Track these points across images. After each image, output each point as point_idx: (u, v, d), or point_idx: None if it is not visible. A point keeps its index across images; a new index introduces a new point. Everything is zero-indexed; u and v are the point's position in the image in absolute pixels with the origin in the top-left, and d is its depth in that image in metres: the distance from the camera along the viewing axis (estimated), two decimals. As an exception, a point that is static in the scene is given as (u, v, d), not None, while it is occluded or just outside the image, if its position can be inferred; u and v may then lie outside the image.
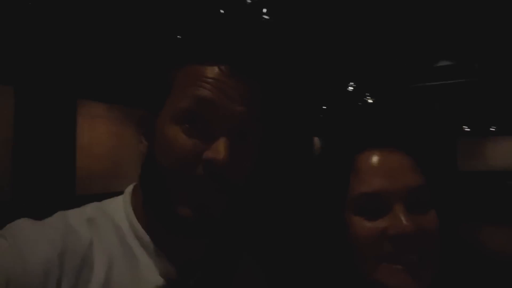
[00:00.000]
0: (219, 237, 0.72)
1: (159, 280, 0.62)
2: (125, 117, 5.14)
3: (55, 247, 0.55)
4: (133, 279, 0.61)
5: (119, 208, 0.67)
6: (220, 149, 0.58)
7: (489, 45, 5.48)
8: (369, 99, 7.44)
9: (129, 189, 0.70)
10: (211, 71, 0.61)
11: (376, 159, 0.66)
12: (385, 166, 0.65)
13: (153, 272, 0.63)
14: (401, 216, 0.60)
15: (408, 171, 0.64)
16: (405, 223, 0.59)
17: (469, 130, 11.37)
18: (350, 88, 7.14)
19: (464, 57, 6.04)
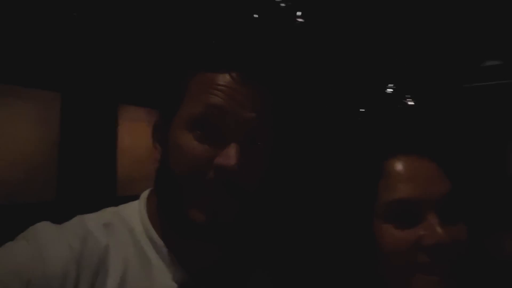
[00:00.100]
0: (231, 242, 0.72)
1: (172, 285, 0.63)
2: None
3: (73, 250, 0.57)
4: (147, 283, 0.62)
5: (134, 213, 0.69)
6: (231, 155, 0.58)
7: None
8: (409, 101, 7.15)
9: (144, 194, 0.72)
10: (222, 78, 0.61)
11: (406, 165, 0.63)
12: (416, 173, 0.62)
13: (166, 277, 0.64)
14: (436, 226, 0.58)
15: (438, 179, 0.61)
16: (440, 232, 0.57)
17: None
18: (389, 90, 6.90)
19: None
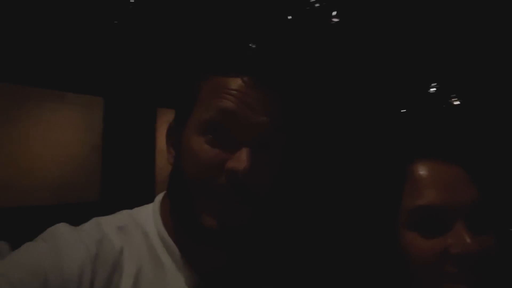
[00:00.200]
0: (243, 247, 0.71)
1: None
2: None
3: (89, 252, 0.58)
4: (159, 285, 0.63)
5: (148, 216, 0.70)
6: (242, 159, 0.58)
7: None
8: (455, 100, 6.78)
9: (159, 197, 0.73)
10: (234, 82, 0.61)
11: (433, 170, 0.59)
12: (443, 178, 0.58)
13: (178, 280, 0.64)
14: (464, 234, 0.54)
15: (467, 186, 0.57)
16: (468, 241, 0.54)
17: None
18: (433, 90, 6.59)
19: None
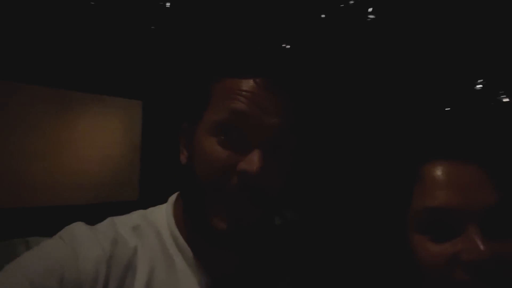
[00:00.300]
0: (255, 249, 0.70)
1: None
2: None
3: (104, 252, 0.60)
4: (171, 286, 0.63)
5: (162, 217, 0.70)
6: (254, 161, 0.58)
7: None
8: (504, 98, 6.36)
9: (172, 198, 0.74)
10: (246, 84, 0.61)
11: (446, 170, 0.56)
12: (457, 180, 0.55)
13: (190, 281, 0.64)
14: (477, 239, 0.50)
15: (484, 188, 0.53)
16: (481, 247, 0.50)
17: None
18: (479, 86, 6.22)
19: None
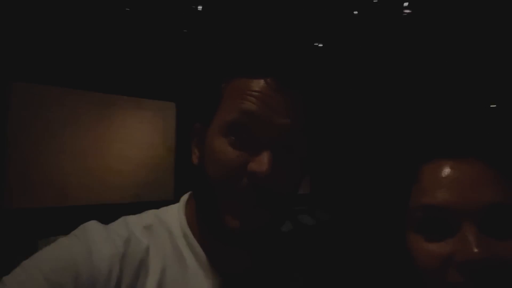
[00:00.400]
0: (266, 248, 0.70)
1: None
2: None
3: (118, 250, 0.61)
4: (183, 285, 0.64)
5: (173, 216, 0.71)
6: (264, 162, 0.58)
7: None
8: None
9: (184, 197, 0.74)
10: (257, 84, 0.61)
11: (444, 168, 0.54)
12: (454, 177, 0.53)
13: (201, 280, 0.65)
14: (471, 238, 0.48)
15: (487, 185, 0.51)
16: (474, 247, 0.47)
17: None
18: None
19: None
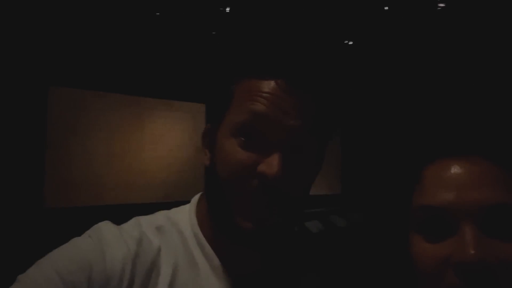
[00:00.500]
0: (276, 249, 0.69)
1: None
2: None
3: (130, 251, 0.62)
4: (194, 286, 0.64)
5: (185, 217, 0.71)
6: (274, 163, 0.57)
7: None
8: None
9: (195, 198, 0.75)
10: (267, 85, 0.61)
11: (445, 169, 0.53)
12: (456, 177, 0.51)
13: (212, 281, 0.65)
14: (468, 239, 0.47)
15: (489, 185, 0.49)
16: (471, 248, 0.46)
17: None
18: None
19: None
